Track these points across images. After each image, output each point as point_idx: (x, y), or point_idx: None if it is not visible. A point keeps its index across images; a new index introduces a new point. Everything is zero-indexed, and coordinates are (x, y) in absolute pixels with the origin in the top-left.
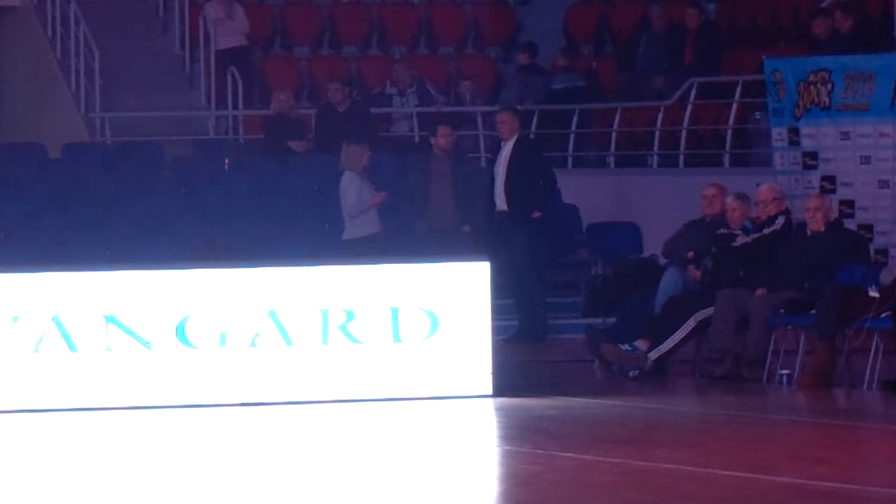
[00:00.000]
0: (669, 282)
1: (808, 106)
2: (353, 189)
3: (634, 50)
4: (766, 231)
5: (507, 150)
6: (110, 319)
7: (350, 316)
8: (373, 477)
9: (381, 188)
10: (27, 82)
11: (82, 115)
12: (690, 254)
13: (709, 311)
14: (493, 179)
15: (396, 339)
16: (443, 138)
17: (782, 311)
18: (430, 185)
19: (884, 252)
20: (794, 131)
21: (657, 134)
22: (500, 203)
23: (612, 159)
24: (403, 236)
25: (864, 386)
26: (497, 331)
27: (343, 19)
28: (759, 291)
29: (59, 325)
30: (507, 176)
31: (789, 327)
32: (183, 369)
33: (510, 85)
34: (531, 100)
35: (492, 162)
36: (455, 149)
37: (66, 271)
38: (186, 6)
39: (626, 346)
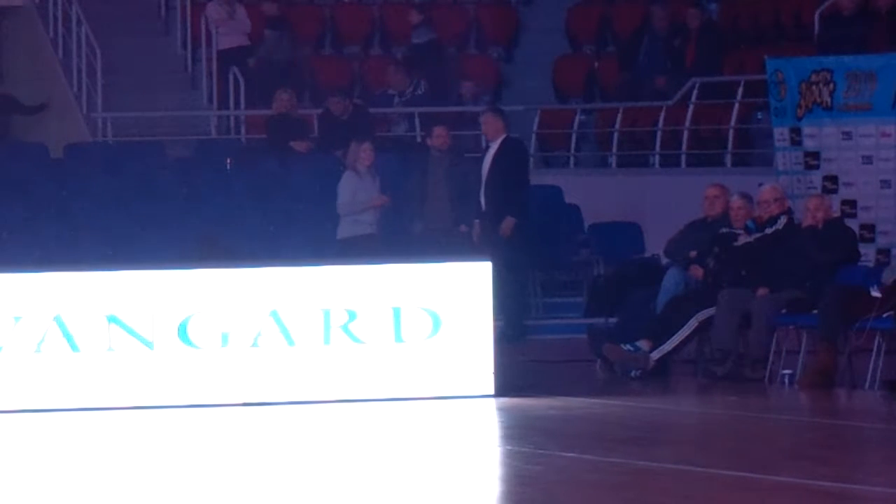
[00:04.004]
0: (671, 282)
1: (809, 106)
2: (346, 187)
3: (636, 50)
4: (768, 231)
5: (492, 151)
6: (112, 319)
7: (352, 316)
8: (374, 477)
9: (382, 188)
10: (29, 82)
11: (84, 114)
12: (693, 254)
13: (711, 311)
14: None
15: (398, 339)
16: (437, 138)
17: (784, 310)
18: (427, 184)
19: (886, 252)
20: (796, 131)
21: (659, 134)
22: (484, 204)
23: (613, 159)
24: (400, 236)
25: (866, 386)
26: None
27: (345, 19)
28: (761, 291)
29: (60, 325)
30: (488, 177)
31: (791, 327)
32: (185, 369)
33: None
34: (281, 57)
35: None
36: (452, 149)
37: (67, 271)
38: (188, 6)
39: (627, 346)
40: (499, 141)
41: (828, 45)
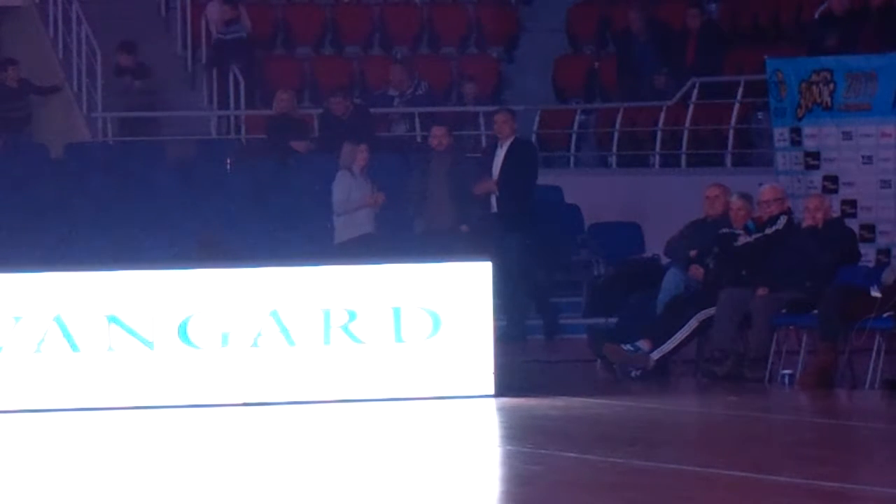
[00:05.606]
0: (671, 282)
1: (809, 106)
2: (341, 187)
3: (631, 51)
4: (768, 231)
5: (502, 152)
6: (112, 319)
7: (352, 316)
8: (374, 477)
9: (381, 188)
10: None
11: (84, 114)
12: (693, 253)
13: (711, 310)
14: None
15: (398, 339)
16: (435, 139)
17: (784, 310)
18: (429, 184)
19: (886, 252)
20: (796, 131)
21: (659, 134)
22: (493, 204)
23: (614, 159)
24: (400, 236)
25: (866, 386)
26: None
27: (345, 19)
28: (761, 291)
29: (61, 325)
30: (500, 179)
31: (791, 327)
32: (185, 369)
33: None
34: (134, 106)
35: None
36: (453, 148)
37: (68, 271)
38: (188, 6)
39: (628, 346)
40: (508, 142)
41: (819, 46)
